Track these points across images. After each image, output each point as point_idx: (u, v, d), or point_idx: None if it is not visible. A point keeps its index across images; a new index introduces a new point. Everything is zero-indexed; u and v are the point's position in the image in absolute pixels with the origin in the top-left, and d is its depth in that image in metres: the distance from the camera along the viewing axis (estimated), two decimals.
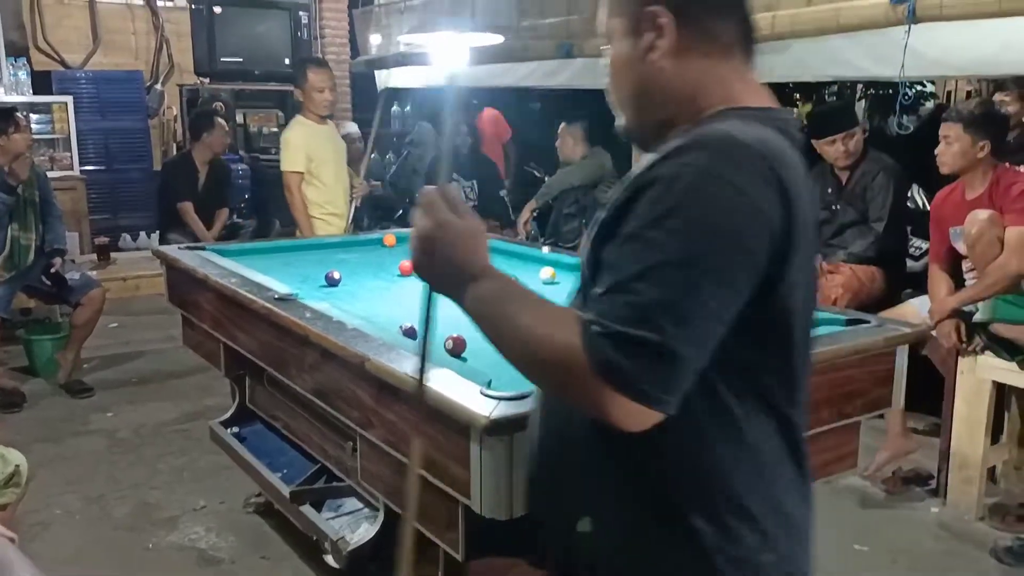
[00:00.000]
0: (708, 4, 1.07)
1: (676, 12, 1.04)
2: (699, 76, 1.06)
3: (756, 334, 0.98)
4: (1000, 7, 3.21)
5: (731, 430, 1.02)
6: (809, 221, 1.02)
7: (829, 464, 2.05)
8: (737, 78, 1.08)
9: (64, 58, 7.10)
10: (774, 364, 1.03)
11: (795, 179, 0.98)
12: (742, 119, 1.01)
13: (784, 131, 1.04)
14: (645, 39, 1.07)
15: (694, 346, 0.92)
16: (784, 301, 0.99)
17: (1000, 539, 2.85)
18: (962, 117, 3.10)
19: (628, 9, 1.09)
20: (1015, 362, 2.92)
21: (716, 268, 0.92)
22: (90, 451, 3.56)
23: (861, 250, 3.73)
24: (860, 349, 1.95)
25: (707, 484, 1.02)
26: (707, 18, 1.06)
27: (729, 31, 1.07)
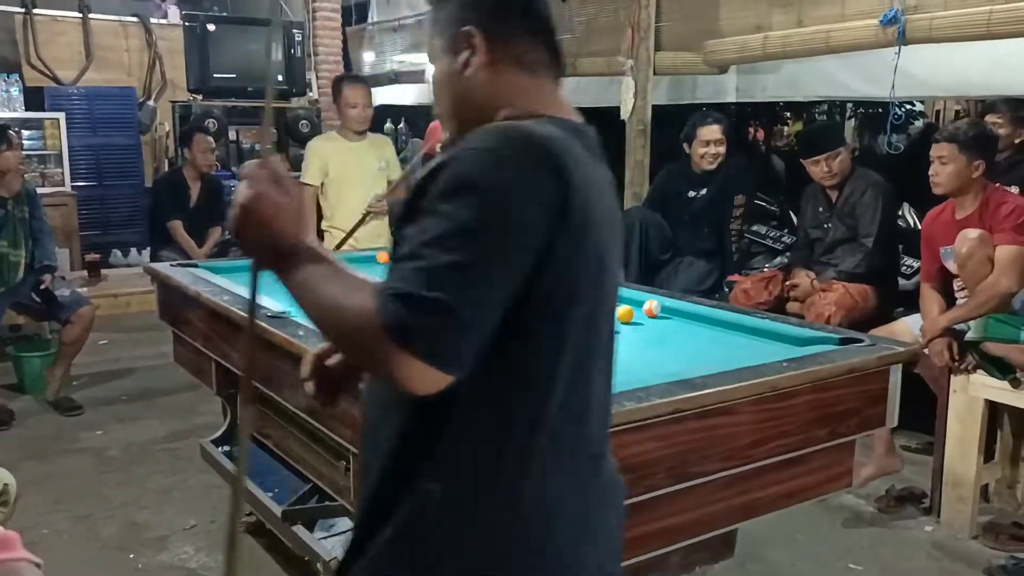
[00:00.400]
0: (516, 26, 1.18)
1: (487, 32, 1.15)
2: (508, 89, 1.17)
3: (527, 323, 1.03)
4: (989, 29, 3.26)
5: (504, 419, 1.05)
6: (602, 223, 1.08)
7: (824, 483, 2.05)
8: (543, 93, 1.19)
9: (57, 74, 7.09)
10: (546, 356, 1.05)
11: (581, 175, 1.05)
12: (539, 123, 1.10)
13: (581, 137, 1.13)
14: (461, 56, 1.17)
15: (479, 308, 0.97)
16: (555, 289, 1.03)
17: (994, 558, 2.84)
18: (956, 137, 3.11)
19: (446, 30, 1.19)
20: (1007, 381, 2.93)
21: (497, 238, 0.98)
22: (79, 469, 3.52)
23: (851, 267, 3.75)
24: (854, 368, 1.96)
25: (484, 473, 1.06)
26: (515, 39, 1.17)
27: (535, 51, 1.19)
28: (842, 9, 3.82)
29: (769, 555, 2.84)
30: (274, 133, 1.25)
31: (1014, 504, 3.25)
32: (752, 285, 4.01)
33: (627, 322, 2.45)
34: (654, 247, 4.45)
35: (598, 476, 1.16)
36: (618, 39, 4.86)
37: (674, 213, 4.50)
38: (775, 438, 1.84)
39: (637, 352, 2.22)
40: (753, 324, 2.36)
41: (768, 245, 4.43)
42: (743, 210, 4.44)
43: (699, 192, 4.41)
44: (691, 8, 4.59)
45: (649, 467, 1.64)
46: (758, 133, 10.09)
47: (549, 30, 1.21)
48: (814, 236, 4.01)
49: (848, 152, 3.91)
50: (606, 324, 1.15)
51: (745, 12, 4.26)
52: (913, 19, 3.48)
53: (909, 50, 3.59)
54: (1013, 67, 3.69)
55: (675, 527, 1.79)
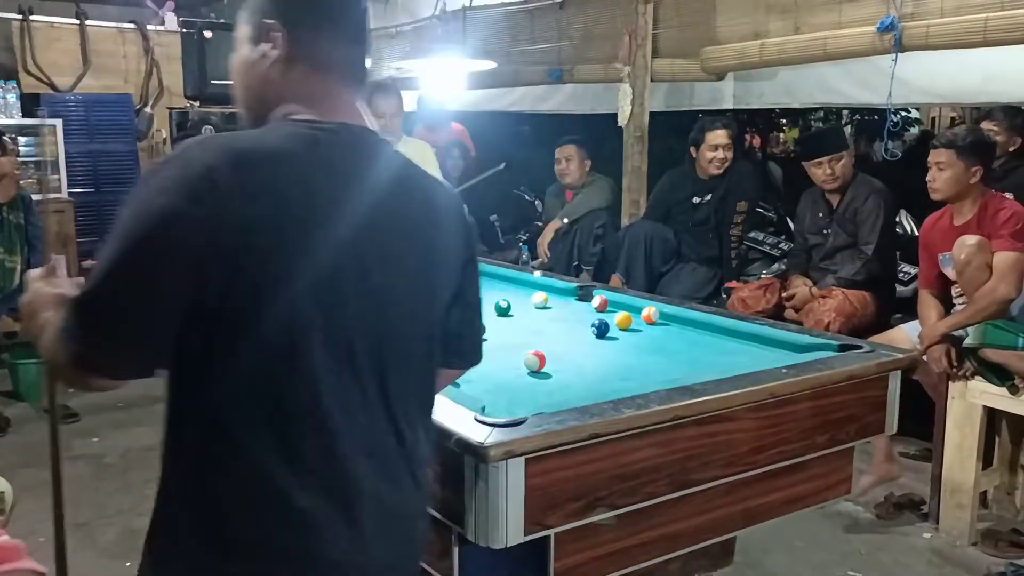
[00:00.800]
0: (318, 27, 1.20)
1: (288, 29, 1.18)
2: (296, 88, 1.19)
3: (211, 331, 1.05)
4: (985, 37, 3.26)
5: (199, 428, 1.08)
6: (306, 217, 1.07)
7: (823, 490, 2.05)
8: (329, 97, 1.19)
9: (53, 81, 7.08)
10: (243, 361, 1.05)
11: (278, 182, 1.06)
12: (276, 128, 1.15)
13: (325, 143, 1.13)
14: (261, 47, 1.20)
15: (117, 330, 1.04)
16: (247, 298, 1.04)
17: (993, 565, 2.84)
18: (954, 143, 3.12)
19: (252, 19, 1.22)
20: (1005, 387, 2.93)
21: (134, 265, 1.02)
22: (75, 477, 3.50)
23: (850, 274, 3.75)
24: (853, 375, 1.96)
25: (186, 484, 1.10)
26: (315, 41, 1.19)
27: (335, 56, 1.20)
28: (839, 16, 3.82)
29: (768, 562, 2.83)
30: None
31: (1013, 511, 3.25)
32: (750, 294, 4.01)
33: (625, 328, 2.45)
34: (657, 259, 4.46)
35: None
36: (615, 46, 4.86)
37: (679, 220, 4.51)
38: (775, 445, 1.84)
39: (636, 359, 2.21)
40: (752, 330, 2.36)
41: (765, 251, 4.43)
42: (744, 216, 4.44)
43: (704, 198, 4.42)
44: (688, 15, 4.59)
45: (649, 474, 1.63)
46: (755, 140, 10.11)
47: (355, 38, 1.23)
48: (813, 242, 4.01)
49: (850, 156, 3.91)
50: (321, 329, 1.08)
51: (742, 19, 4.27)
52: (909, 26, 3.49)
53: (905, 57, 3.60)
54: (1009, 75, 3.71)
55: (675, 534, 1.79)
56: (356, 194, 1.13)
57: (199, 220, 1.01)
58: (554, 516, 1.51)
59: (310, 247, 1.06)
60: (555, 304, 2.83)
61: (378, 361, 1.14)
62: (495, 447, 1.40)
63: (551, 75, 5.39)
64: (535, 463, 1.46)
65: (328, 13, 1.21)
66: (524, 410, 1.55)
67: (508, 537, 1.45)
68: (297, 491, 1.07)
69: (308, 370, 1.07)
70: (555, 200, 5.21)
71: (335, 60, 1.20)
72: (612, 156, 5.18)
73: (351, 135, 1.17)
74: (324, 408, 1.08)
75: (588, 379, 1.98)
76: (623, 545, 1.69)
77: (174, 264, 1.01)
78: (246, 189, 1.03)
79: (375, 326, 1.14)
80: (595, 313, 2.63)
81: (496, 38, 5.82)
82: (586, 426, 1.52)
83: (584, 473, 1.54)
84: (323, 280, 1.08)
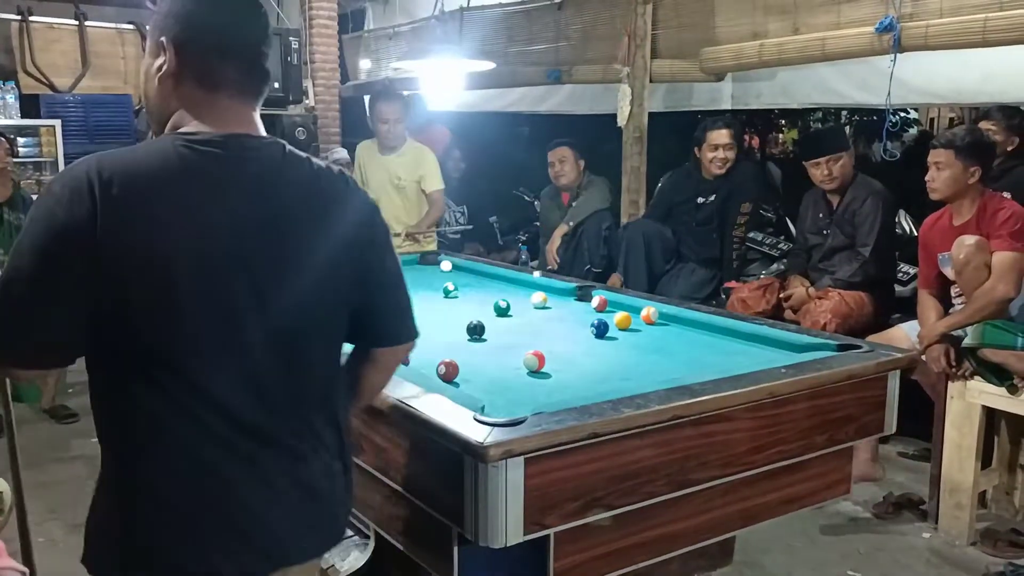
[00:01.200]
0: (206, 46, 1.29)
1: (177, 47, 1.29)
2: (184, 101, 1.30)
3: (118, 318, 1.19)
4: (984, 38, 3.26)
5: (112, 398, 1.26)
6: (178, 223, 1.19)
7: (822, 490, 2.05)
8: (216, 110, 1.29)
9: (52, 82, 7.07)
10: (143, 343, 1.20)
11: (147, 192, 1.19)
12: (159, 143, 1.27)
13: (199, 155, 1.24)
14: (158, 61, 1.31)
15: (15, 327, 1.18)
16: (139, 292, 1.18)
17: (992, 564, 2.84)
18: (953, 143, 3.13)
19: (153, 33, 1.33)
20: (1004, 387, 2.93)
21: (27, 266, 1.16)
22: (73, 478, 3.50)
23: (848, 275, 3.75)
24: (852, 374, 1.96)
25: (107, 443, 1.28)
26: (201, 58, 1.29)
27: (225, 73, 1.30)
28: (837, 17, 3.82)
29: (767, 562, 2.83)
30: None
31: (1011, 511, 3.25)
32: (750, 294, 4.01)
33: (625, 328, 2.45)
34: (657, 259, 4.46)
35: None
36: (614, 47, 4.86)
37: (681, 220, 4.51)
38: (773, 444, 1.84)
39: (635, 358, 2.21)
40: (751, 330, 2.36)
41: (765, 252, 4.43)
42: (747, 218, 4.44)
43: (708, 198, 4.42)
44: (687, 16, 4.59)
45: (648, 474, 1.63)
46: (754, 141, 10.12)
47: (250, 59, 1.32)
48: (813, 242, 4.01)
49: (850, 157, 3.91)
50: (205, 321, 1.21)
51: (741, 20, 4.27)
52: (908, 27, 3.49)
53: (904, 58, 3.60)
54: (1007, 75, 3.71)
55: (673, 534, 1.79)
56: (228, 199, 1.24)
57: (82, 231, 1.14)
58: (553, 516, 1.51)
59: (180, 247, 1.19)
60: (554, 304, 2.84)
61: (271, 349, 1.26)
62: (494, 447, 1.40)
63: (550, 76, 5.39)
64: (534, 463, 1.46)
65: (219, 37, 1.30)
66: (523, 410, 1.55)
67: (507, 537, 1.45)
68: (218, 462, 1.24)
69: (200, 364, 1.22)
70: (551, 202, 5.18)
71: (225, 78, 1.30)
72: (611, 157, 5.18)
73: (238, 144, 1.27)
74: (220, 389, 1.23)
75: (587, 379, 1.98)
76: (622, 545, 1.69)
77: (62, 270, 1.15)
78: (121, 201, 1.16)
79: (265, 316, 1.25)
80: (594, 313, 2.63)
81: (494, 38, 5.82)
82: (585, 426, 1.52)
83: (583, 473, 1.54)
84: (204, 275, 1.20)
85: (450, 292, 2.99)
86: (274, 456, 1.27)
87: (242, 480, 1.25)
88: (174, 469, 1.23)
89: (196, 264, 1.19)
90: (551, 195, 5.19)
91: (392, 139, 4.57)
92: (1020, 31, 3.15)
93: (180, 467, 1.23)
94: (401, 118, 4.60)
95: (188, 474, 1.23)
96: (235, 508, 1.25)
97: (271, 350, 1.26)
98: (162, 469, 1.23)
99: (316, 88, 7.61)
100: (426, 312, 2.78)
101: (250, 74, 1.32)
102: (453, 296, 2.98)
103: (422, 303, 2.91)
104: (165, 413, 1.21)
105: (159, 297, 1.18)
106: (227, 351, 1.23)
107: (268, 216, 1.25)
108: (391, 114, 4.54)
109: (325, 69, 7.71)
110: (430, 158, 4.67)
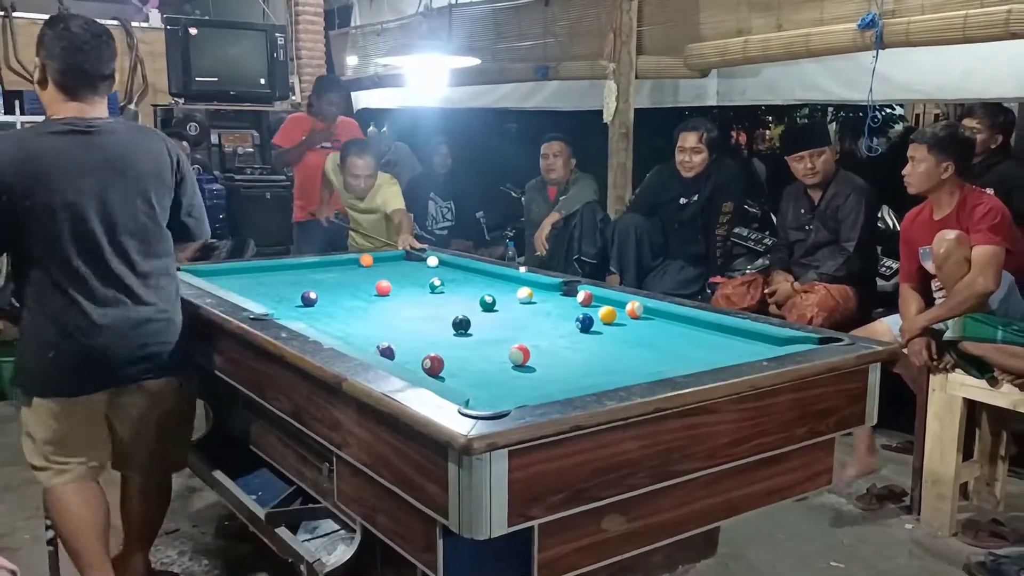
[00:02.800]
0: (52, 62, 2.22)
1: (43, 62, 2.23)
2: (48, 100, 2.26)
3: (21, 230, 2.18)
4: (964, 33, 3.30)
5: (27, 273, 2.23)
6: (53, 173, 2.17)
7: (804, 481, 2.07)
8: (60, 104, 2.24)
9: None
10: (38, 245, 2.19)
11: (35, 151, 2.18)
12: (37, 126, 2.29)
13: (55, 132, 2.22)
14: (37, 75, 2.25)
15: None
16: (30, 214, 2.16)
17: (973, 555, 2.88)
18: (927, 139, 3.17)
19: (38, 52, 2.25)
20: (985, 379, 2.97)
21: None
22: None
23: (832, 270, 3.78)
24: (833, 367, 1.98)
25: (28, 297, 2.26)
26: (52, 69, 2.23)
27: (62, 78, 2.22)
28: (821, 13, 3.86)
29: (751, 554, 2.86)
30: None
31: (992, 502, 3.29)
32: (733, 290, 4.04)
33: (610, 323, 2.47)
34: (646, 253, 4.47)
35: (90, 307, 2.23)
36: (600, 43, 4.88)
37: (665, 219, 4.52)
38: (756, 436, 1.86)
39: (619, 352, 2.23)
40: (734, 324, 2.38)
41: (750, 247, 4.46)
42: (730, 216, 4.46)
43: (691, 199, 4.43)
44: (672, 12, 4.61)
45: (631, 466, 1.65)
46: (740, 137, 10.17)
47: (87, 70, 2.22)
48: (795, 238, 4.04)
49: (832, 152, 3.94)
50: (71, 229, 2.19)
51: (726, 16, 4.29)
52: (891, 23, 3.53)
53: (887, 54, 3.64)
54: (988, 71, 3.75)
55: (657, 526, 1.80)
56: (81, 153, 2.20)
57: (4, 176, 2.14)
58: (537, 508, 1.53)
59: (56, 179, 2.16)
60: (540, 299, 2.85)
61: (115, 242, 2.23)
62: (478, 439, 1.42)
63: (537, 72, 5.41)
64: (518, 455, 1.48)
65: (57, 53, 2.21)
66: (508, 404, 1.56)
67: (492, 529, 1.46)
68: (82, 304, 2.20)
69: (70, 249, 2.19)
70: (537, 196, 5.17)
71: (72, 82, 2.23)
72: (598, 153, 5.20)
73: (85, 124, 2.23)
74: (81, 263, 2.20)
75: (572, 373, 1.99)
76: (606, 536, 1.71)
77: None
78: (20, 159, 2.16)
79: (110, 219, 2.22)
80: (580, 308, 2.64)
81: (481, 35, 5.83)
82: (569, 419, 1.53)
83: (567, 465, 1.56)
84: (72, 196, 2.17)
85: (436, 287, 3.00)
86: (117, 311, 2.23)
87: (94, 329, 2.19)
88: (54, 323, 2.20)
89: (68, 197, 2.17)
90: (537, 188, 5.17)
91: (361, 192, 4.49)
92: (999, 27, 3.19)
93: (57, 322, 2.19)
94: (373, 173, 4.47)
95: (61, 327, 2.19)
96: (89, 348, 2.20)
97: (112, 246, 2.22)
98: (47, 322, 2.20)
99: (302, 84, 7.59)
100: (412, 307, 2.81)
101: (91, 78, 2.24)
102: (439, 291, 2.99)
103: (408, 298, 2.93)
104: (47, 286, 2.20)
105: (46, 220, 2.17)
106: (86, 251, 2.19)
107: (104, 160, 2.22)
108: (364, 169, 4.40)
109: (312, 65, 7.69)
110: (386, 183, 4.59)
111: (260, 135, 7.12)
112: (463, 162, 6.45)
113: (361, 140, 4.74)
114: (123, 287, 2.23)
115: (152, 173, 2.30)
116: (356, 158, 4.40)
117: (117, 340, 2.22)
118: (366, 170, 4.41)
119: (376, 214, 4.54)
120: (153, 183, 2.30)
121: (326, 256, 3.88)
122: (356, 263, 3.58)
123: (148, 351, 2.28)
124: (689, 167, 4.36)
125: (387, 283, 2.96)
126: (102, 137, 2.23)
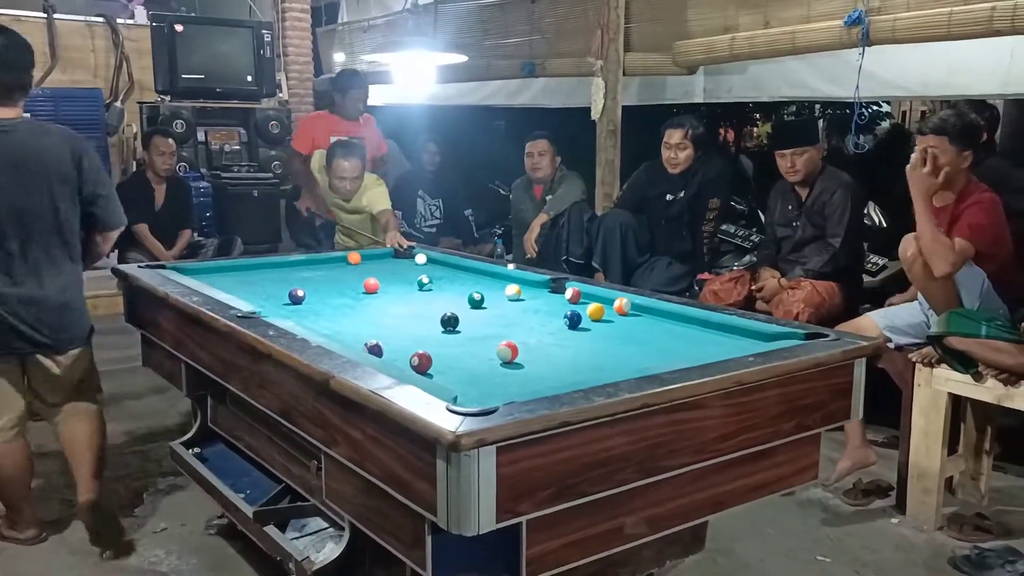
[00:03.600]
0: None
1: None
2: None
3: None
4: (949, 31, 3.32)
5: None
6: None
7: (791, 476, 2.09)
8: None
9: None
10: None
11: None
12: None
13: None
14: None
15: None
16: None
17: (958, 549, 2.90)
18: (947, 129, 3.02)
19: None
20: (969, 374, 2.99)
21: None
22: (47, 474, 3.47)
23: (818, 266, 3.80)
24: (819, 362, 1.99)
25: None
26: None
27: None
28: (807, 11, 3.88)
29: (738, 548, 2.87)
30: None
31: (977, 496, 3.32)
32: (721, 286, 4.05)
33: (598, 319, 2.48)
34: (632, 250, 4.48)
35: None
36: (588, 40, 4.89)
37: (652, 216, 4.53)
38: (743, 432, 1.87)
39: (607, 349, 2.24)
40: (721, 320, 2.39)
41: (737, 244, 4.47)
42: (716, 213, 4.47)
43: (677, 195, 4.44)
44: (660, 10, 4.63)
45: (619, 462, 1.65)
46: (728, 134, 10.20)
47: (8, 82, 2.69)
48: (782, 234, 4.05)
49: (818, 152, 3.92)
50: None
51: (713, 13, 4.31)
52: (876, 20, 3.55)
53: (872, 51, 3.66)
54: (973, 69, 3.78)
55: (645, 521, 1.81)
56: (5, 151, 2.61)
57: None
58: (525, 504, 1.53)
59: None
60: (528, 296, 2.85)
61: (23, 230, 2.64)
62: (466, 436, 1.42)
63: (524, 69, 5.41)
64: (506, 451, 1.48)
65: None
66: (496, 400, 1.56)
67: (480, 525, 1.46)
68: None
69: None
70: (524, 195, 5.17)
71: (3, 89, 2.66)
72: (586, 150, 5.21)
73: (7, 124, 2.63)
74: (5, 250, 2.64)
75: (560, 369, 2.00)
76: (594, 532, 1.71)
77: None
78: None
79: (21, 214, 2.63)
80: (568, 305, 2.65)
81: (468, 32, 5.83)
82: (556, 415, 1.54)
83: (555, 461, 1.56)
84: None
85: (424, 285, 3.00)
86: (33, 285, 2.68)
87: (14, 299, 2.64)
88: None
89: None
90: (524, 187, 5.17)
91: (347, 194, 4.46)
92: (983, 25, 3.21)
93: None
94: (360, 175, 4.43)
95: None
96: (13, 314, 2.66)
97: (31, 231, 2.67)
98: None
99: (290, 81, 7.57)
100: (400, 304, 2.80)
101: (12, 87, 2.71)
102: (428, 289, 2.99)
103: (396, 295, 2.93)
104: None
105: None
106: (12, 232, 2.63)
107: (21, 158, 2.63)
108: (350, 172, 4.36)
109: (299, 62, 7.67)
110: (372, 184, 4.56)
111: (247, 132, 7.08)
112: (451, 159, 6.45)
113: (348, 141, 4.66)
114: (26, 271, 2.68)
115: (53, 168, 2.69)
116: (343, 160, 4.36)
117: (25, 314, 2.69)
118: (352, 172, 4.38)
119: (362, 215, 4.53)
120: (55, 178, 2.70)
121: (314, 254, 3.87)
122: (344, 261, 3.58)
123: (50, 327, 2.75)
124: (675, 164, 4.37)
125: (375, 280, 2.95)
126: (9, 136, 2.64)
